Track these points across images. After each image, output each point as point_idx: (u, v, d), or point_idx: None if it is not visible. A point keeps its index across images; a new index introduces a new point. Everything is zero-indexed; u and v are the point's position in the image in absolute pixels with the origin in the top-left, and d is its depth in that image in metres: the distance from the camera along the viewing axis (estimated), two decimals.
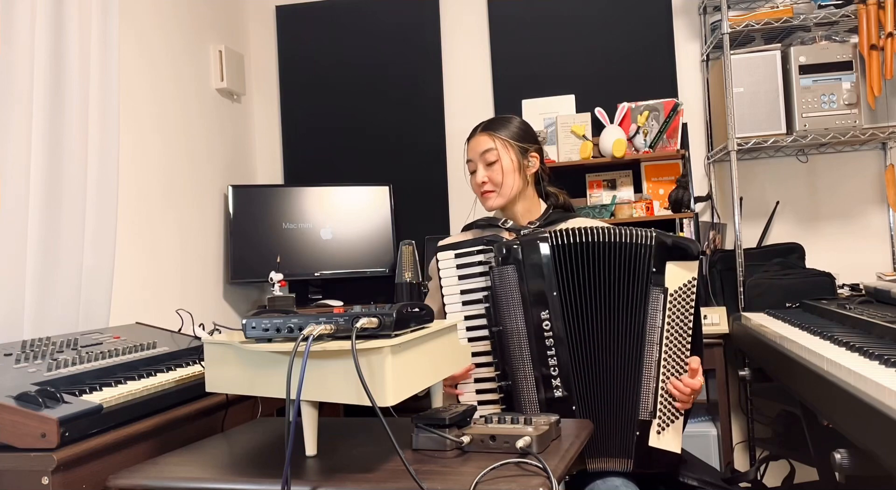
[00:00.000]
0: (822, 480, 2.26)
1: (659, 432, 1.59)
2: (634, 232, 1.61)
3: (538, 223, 1.86)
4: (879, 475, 1.51)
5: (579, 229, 1.62)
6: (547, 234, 1.63)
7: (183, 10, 2.88)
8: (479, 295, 1.66)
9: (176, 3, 2.83)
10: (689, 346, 1.63)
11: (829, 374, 1.50)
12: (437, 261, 1.71)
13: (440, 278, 1.70)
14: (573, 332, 1.60)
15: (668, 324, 1.60)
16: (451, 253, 1.70)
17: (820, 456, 2.19)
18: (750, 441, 2.84)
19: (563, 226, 1.84)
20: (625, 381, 1.60)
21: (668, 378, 1.60)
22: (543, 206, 1.93)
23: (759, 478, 2.72)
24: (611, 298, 1.60)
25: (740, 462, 2.96)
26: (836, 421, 1.47)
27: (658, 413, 1.59)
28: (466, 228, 1.95)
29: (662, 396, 1.60)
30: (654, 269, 1.59)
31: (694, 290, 1.62)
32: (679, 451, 1.61)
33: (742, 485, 2.45)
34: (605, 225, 1.67)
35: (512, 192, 1.86)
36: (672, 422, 1.61)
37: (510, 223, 1.87)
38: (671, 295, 1.60)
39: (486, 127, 1.90)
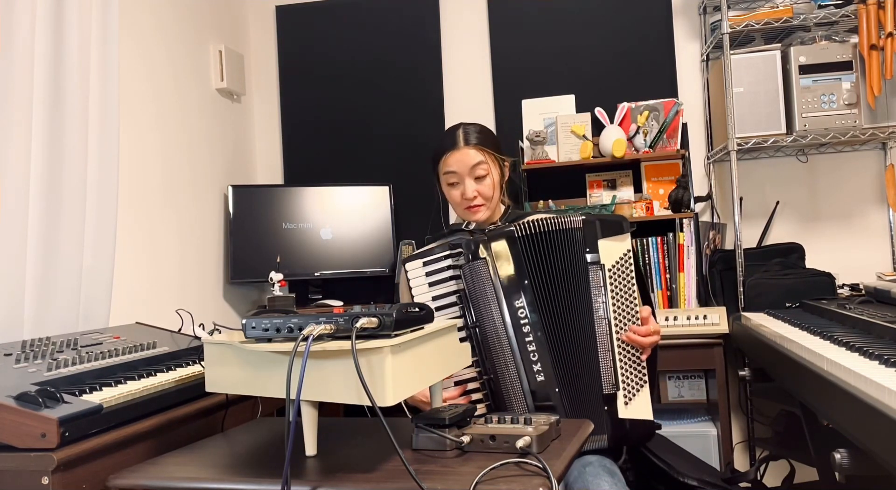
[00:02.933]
0: (822, 480, 2.26)
1: (627, 403, 1.63)
2: (567, 218, 1.69)
3: (500, 222, 1.92)
4: (879, 475, 1.51)
5: (535, 220, 1.69)
6: (512, 228, 1.69)
7: (183, 10, 2.88)
8: (452, 298, 1.70)
9: (176, 3, 2.83)
10: (637, 316, 1.68)
11: (829, 374, 1.50)
12: (406, 271, 1.75)
13: (410, 288, 1.74)
14: (544, 318, 1.66)
15: (613, 297, 1.66)
16: (419, 261, 1.75)
17: (820, 456, 2.19)
18: (750, 441, 2.84)
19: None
20: (585, 359, 1.65)
21: (623, 350, 1.65)
22: (502, 207, 2.01)
23: (759, 478, 2.72)
24: (563, 282, 1.67)
25: (740, 462, 2.96)
26: (836, 421, 1.47)
27: (621, 384, 1.63)
28: (431, 241, 1.98)
29: (622, 367, 1.64)
30: (587, 249, 1.67)
31: (631, 261, 1.70)
32: (651, 417, 1.65)
33: (742, 485, 2.45)
34: (553, 214, 1.74)
35: (496, 204, 1.94)
36: (638, 390, 1.65)
37: (472, 225, 1.90)
38: (609, 270, 1.67)
39: (472, 140, 1.90)
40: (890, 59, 2.55)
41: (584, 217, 1.69)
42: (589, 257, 1.67)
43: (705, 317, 2.63)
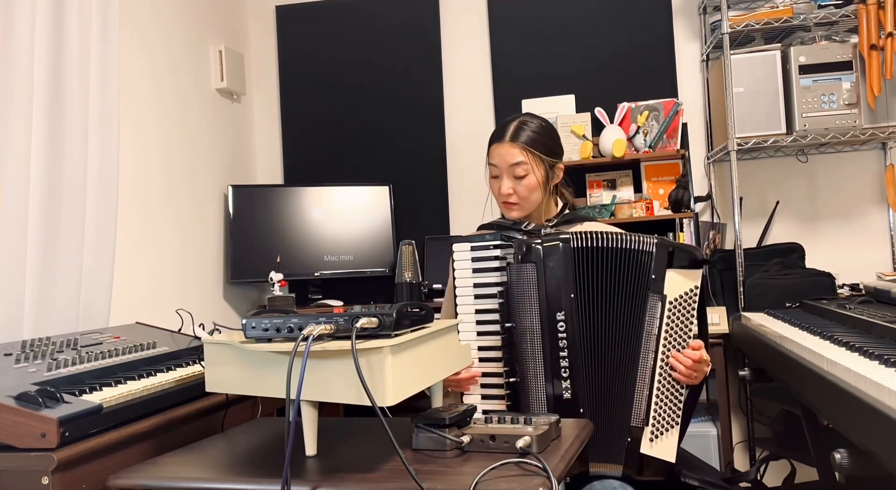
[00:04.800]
0: (822, 480, 2.26)
1: (652, 440, 1.58)
2: (638, 238, 1.61)
3: (554, 221, 1.85)
4: (879, 475, 1.51)
5: (596, 233, 1.61)
6: (568, 236, 1.61)
7: (183, 10, 2.88)
8: (493, 289, 1.64)
9: (176, 3, 2.83)
10: None
11: (829, 374, 1.50)
12: (453, 252, 1.69)
13: (454, 269, 1.69)
14: (583, 335, 1.60)
15: (666, 332, 1.59)
16: (467, 245, 1.68)
17: (820, 456, 2.19)
18: (750, 441, 2.84)
19: (577, 228, 1.83)
20: (619, 387, 1.59)
21: (663, 387, 1.60)
22: (558, 205, 1.92)
23: (759, 478, 2.72)
24: (614, 303, 1.60)
25: (740, 462, 2.96)
26: (836, 421, 1.47)
27: (651, 421, 1.58)
28: (484, 228, 1.93)
29: (657, 403, 1.59)
30: (653, 277, 1.59)
31: (696, 299, 1.61)
32: (673, 460, 1.60)
33: (742, 485, 2.45)
34: (616, 230, 1.67)
35: (534, 205, 1.84)
36: (667, 430, 1.60)
37: (532, 225, 1.83)
38: (670, 303, 1.59)
39: (521, 137, 1.79)
40: (890, 59, 2.55)
41: (657, 240, 1.60)
42: (652, 285, 1.58)
43: None
